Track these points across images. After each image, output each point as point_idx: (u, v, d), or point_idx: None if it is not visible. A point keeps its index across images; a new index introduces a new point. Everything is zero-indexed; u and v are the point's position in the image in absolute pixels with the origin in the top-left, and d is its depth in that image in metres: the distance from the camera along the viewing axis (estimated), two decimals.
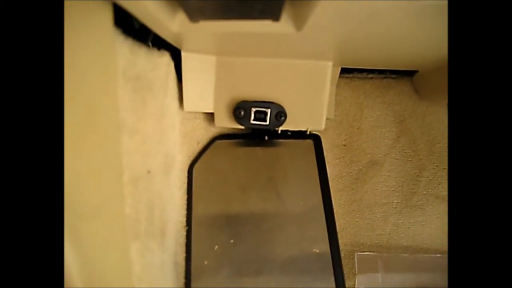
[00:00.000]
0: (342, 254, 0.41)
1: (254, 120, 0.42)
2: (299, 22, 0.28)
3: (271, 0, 0.23)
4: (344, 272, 0.41)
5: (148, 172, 0.33)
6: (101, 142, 0.26)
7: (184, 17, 0.29)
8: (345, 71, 0.49)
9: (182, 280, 0.40)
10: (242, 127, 0.44)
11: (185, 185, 0.44)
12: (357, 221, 0.49)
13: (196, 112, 0.47)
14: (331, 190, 0.43)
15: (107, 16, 0.26)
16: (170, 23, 0.29)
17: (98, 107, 0.26)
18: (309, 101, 0.42)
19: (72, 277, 0.22)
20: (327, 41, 0.34)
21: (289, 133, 0.45)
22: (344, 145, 0.50)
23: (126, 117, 0.29)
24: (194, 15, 0.25)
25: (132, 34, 0.31)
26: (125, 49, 0.30)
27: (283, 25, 0.29)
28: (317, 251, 0.41)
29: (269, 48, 0.38)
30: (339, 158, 0.50)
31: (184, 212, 0.42)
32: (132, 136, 0.30)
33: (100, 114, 0.26)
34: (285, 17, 0.28)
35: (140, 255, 0.31)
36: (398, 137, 0.50)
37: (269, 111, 0.42)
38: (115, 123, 0.28)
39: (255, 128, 0.43)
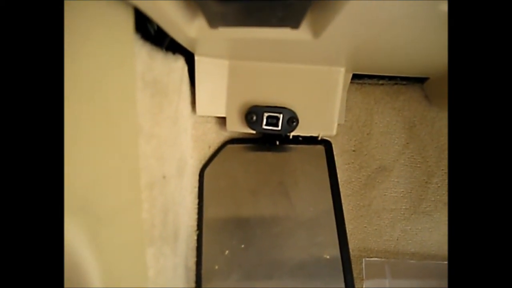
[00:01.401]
0: None
1: (266, 125, 0.42)
2: (317, 30, 0.28)
3: (294, 9, 0.23)
4: None
5: (164, 177, 0.33)
6: (119, 146, 0.26)
7: (201, 23, 0.29)
8: (356, 77, 0.50)
9: (193, 284, 0.40)
10: (254, 132, 0.44)
11: (196, 189, 0.44)
12: (365, 226, 0.49)
13: (207, 116, 0.47)
14: None
15: (128, 21, 0.26)
16: (188, 29, 0.29)
17: (117, 112, 0.26)
18: (321, 107, 0.42)
19: (93, 281, 0.22)
20: (342, 48, 0.34)
21: (300, 138, 0.45)
22: (354, 150, 0.51)
23: (144, 122, 0.29)
24: (215, 21, 0.26)
25: (148, 39, 0.31)
26: (144, 53, 0.30)
27: (301, 33, 0.29)
28: (327, 256, 0.41)
29: (282, 54, 0.38)
30: (349, 164, 0.50)
31: (195, 216, 0.43)
32: (148, 140, 0.30)
33: (119, 119, 0.26)
34: (303, 24, 0.28)
35: (155, 260, 0.31)
36: (408, 143, 0.50)
37: (281, 116, 0.42)
38: (134, 127, 0.28)
39: (267, 133, 0.43)
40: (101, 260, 0.23)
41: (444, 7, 0.23)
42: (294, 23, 0.25)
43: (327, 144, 0.46)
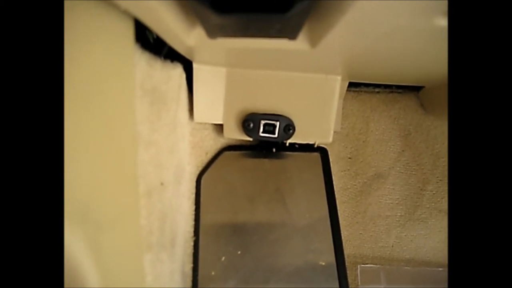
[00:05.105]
0: None
1: (263, 132, 0.43)
2: (314, 40, 0.29)
3: (291, 22, 0.23)
4: None
5: (162, 184, 0.33)
6: (118, 154, 0.26)
7: (200, 32, 0.29)
8: (352, 85, 0.50)
9: None
10: (251, 139, 0.44)
11: (193, 196, 0.44)
12: (360, 233, 0.50)
13: (205, 123, 0.47)
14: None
15: (128, 31, 0.26)
16: (187, 38, 0.30)
17: (116, 119, 0.26)
18: (318, 115, 0.43)
19: (91, 286, 0.22)
20: (338, 58, 0.35)
21: (296, 145, 0.46)
22: (350, 157, 0.51)
23: (142, 130, 0.30)
24: (213, 32, 0.26)
25: (147, 47, 0.32)
26: (143, 62, 0.30)
27: (298, 43, 0.29)
28: (323, 263, 0.41)
29: (280, 62, 0.38)
30: (344, 171, 0.51)
31: (192, 222, 0.43)
32: (147, 148, 0.31)
33: (118, 126, 0.26)
34: (301, 35, 0.29)
35: (152, 266, 0.31)
36: (403, 150, 0.51)
37: (278, 124, 0.42)
38: (132, 135, 0.28)
39: (263, 140, 0.44)
40: (99, 266, 0.23)
41: (439, 19, 0.24)
42: (292, 35, 0.26)
43: (323, 152, 0.46)
